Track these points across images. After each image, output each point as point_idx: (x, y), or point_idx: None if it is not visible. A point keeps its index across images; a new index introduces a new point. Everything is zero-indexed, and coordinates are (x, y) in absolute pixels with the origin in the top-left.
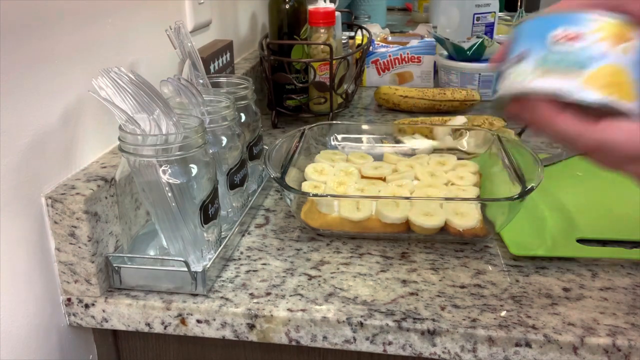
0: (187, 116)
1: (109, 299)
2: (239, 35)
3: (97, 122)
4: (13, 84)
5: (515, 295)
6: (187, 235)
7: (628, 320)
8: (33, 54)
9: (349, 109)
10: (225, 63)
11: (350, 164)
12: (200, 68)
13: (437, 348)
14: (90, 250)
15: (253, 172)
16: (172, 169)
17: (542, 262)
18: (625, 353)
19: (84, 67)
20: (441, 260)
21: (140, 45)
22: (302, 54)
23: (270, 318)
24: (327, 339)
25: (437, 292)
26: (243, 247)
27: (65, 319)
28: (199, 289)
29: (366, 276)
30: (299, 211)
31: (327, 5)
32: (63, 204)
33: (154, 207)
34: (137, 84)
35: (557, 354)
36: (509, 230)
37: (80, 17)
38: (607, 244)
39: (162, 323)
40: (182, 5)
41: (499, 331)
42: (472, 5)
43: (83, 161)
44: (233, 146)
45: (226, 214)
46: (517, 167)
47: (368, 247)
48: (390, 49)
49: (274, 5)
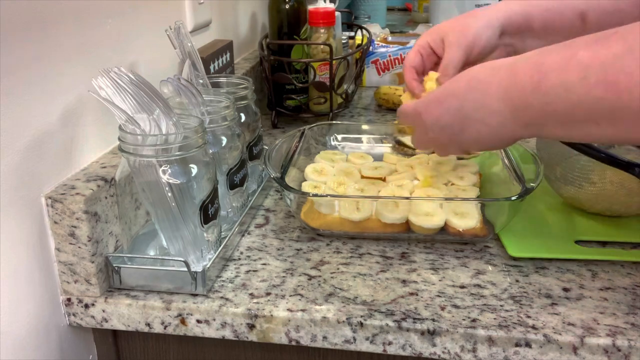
0: (187, 116)
1: (108, 299)
2: (239, 35)
3: (97, 122)
4: (13, 84)
5: (515, 295)
6: (187, 235)
7: (628, 320)
8: (33, 54)
9: (349, 109)
10: (225, 63)
11: (350, 164)
12: (200, 68)
13: (437, 348)
14: (90, 250)
15: (253, 172)
16: (172, 169)
17: (542, 262)
18: (625, 353)
19: (84, 67)
20: (441, 260)
21: (140, 45)
22: (302, 54)
23: (270, 318)
24: (327, 339)
25: (437, 292)
26: (243, 247)
27: (65, 319)
28: (199, 289)
29: (366, 276)
30: (299, 211)
31: (327, 5)
32: (63, 204)
33: (154, 207)
34: (137, 84)
35: (557, 354)
36: (508, 231)
37: (80, 17)
38: (606, 245)
39: (162, 323)
40: (182, 5)
41: (499, 331)
42: (472, 6)
43: (83, 161)
44: (233, 146)
45: (226, 214)
46: (517, 167)
47: (368, 247)
48: (390, 49)
49: (274, 5)
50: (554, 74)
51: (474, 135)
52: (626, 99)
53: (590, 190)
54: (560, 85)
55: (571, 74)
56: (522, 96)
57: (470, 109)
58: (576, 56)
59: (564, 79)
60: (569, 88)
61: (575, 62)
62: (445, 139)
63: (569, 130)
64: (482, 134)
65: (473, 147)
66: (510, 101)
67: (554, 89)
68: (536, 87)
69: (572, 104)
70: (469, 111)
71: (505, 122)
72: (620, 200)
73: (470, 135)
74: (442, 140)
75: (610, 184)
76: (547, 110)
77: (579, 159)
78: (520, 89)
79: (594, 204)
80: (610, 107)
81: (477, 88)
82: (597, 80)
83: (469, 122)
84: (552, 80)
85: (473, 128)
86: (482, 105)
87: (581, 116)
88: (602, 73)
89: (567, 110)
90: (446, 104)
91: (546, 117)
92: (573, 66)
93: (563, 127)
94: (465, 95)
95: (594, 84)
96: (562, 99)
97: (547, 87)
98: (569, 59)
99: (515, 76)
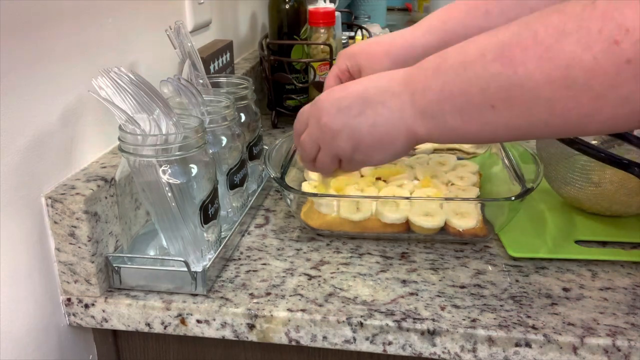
0: (187, 116)
1: (108, 299)
2: (239, 35)
3: (97, 122)
4: (13, 84)
5: (515, 295)
6: (187, 235)
7: (628, 320)
8: (33, 54)
9: None
10: (225, 63)
11: None
12: (200, 68)
13: (437, 348)
14: (90, 250)
15: (253, 172)
16: (172, 169)
17: (542, 262)
18: (625, 353)
19: (84, 67)
20: (441, 260)
21: (140, 45)
22: (302, 54)
23: (270, 318)
24: (327, 339)
25: (437, 292)
26: (243, 247)
27: (65, 319)
28: (199, 289)
29: (366, 276)
30: (299, 211)
31: (327, 5)
32: (63, 204)
33: (154, 207)
34: (137, 84)
35: (557, 354)
36: (508, 231)
37: (80, 17)
38: (606, 245)
39: (162, 323)
40: (182, 5)
41: (499, 331)
42: None
43: (83, 161)
44: (233, 146)
45: (226, 214)
46: (517, 167)
47: (368, 247)
48: None
49: (274, 5)
50: (454, 54)
51: (371, 120)
52: (522, 72)
53: (590, 190)
54: (459, 64)
55: (470, 53)
56: (423, 79)
57: (373, 92)
58: (476, 40)
59: (462, 59)
60: (467, 66)
61: (474, 44)
62: (339, 124)
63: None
64: (378, 119)
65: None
66: (412, 85)
67: (452, 68)
68: (436, 69)
69: (469, 81)
70: (372, 94)
71: (403, 107)
72: (620, 200)
73: (367, 119)
74: (335, 126)
75: (610, 183)
76: (445, 92)
77: (579, 159)
78: (423, 73)
79: (594, 204)
80: (507, 84)
81: (384, 76)
82: (495, 56)
83: (368, 105)
84: (451, 61)
85: (371, 110)
86: (386, 89)
87: (477, 97)
88: (499, 49)
89: (464, 91)
90: (350, 87)
91: (443, 101)
92: (472, 47)
93: (459, 114)
94: (370, 81)
95: (491, 60)
96: (460, 77)
97: (446, 67)
98: (469, 42)
99: (420, 64)
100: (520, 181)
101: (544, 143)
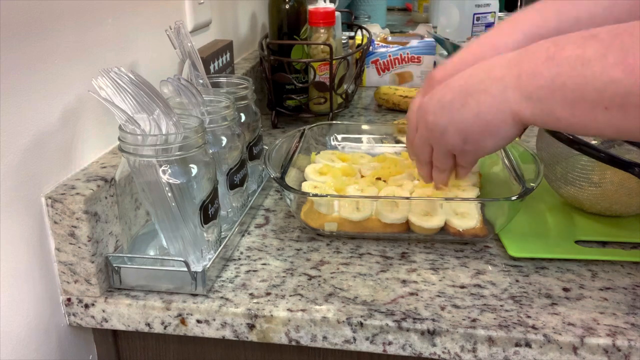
0: (187, 116)
1: (108, 299)
2: (239, 35)
3: (97, 122)
4: (13, 84)
5: (515, 295)
6: (187, 235)
7: (628, 320)
8: (33, 54)
9: (348, 109)
10: (225, 63)
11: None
12: (200, 68)
13: (437, 348)
14: (90, 250)
15: (253, 172)
16: (172, 169)
17: (542, 262)
18: (625, 353)
19: (84, 67)
20: (441, 260)
21: (140, 45)
22: (302, 54)
23: (270, 318)
24: (327, 339)
25: (437, 292)
26: (243, 247)
27: (65, 319)
28: (199, 289)
29: (366, 276)
30: (299, 211)
31: (327, 5)
32: (63, 204)
33: (154, 207)
34: (137, 84)
35: (557, 354)
36: (508, 231)
37: (80, 17)
38: (606, 245)
39: (162, 323)
40: (182, 5)
41: (499, 331)
42: (472, 5)
43: (83, 161)
44: (233, 146)
45: (226, 214)
46: (517, 167)
47: (368, 247)
48: (390, 49)
49: (274, 5)
50: (572, 46)
51: (475, 109)
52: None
53: (590, 190)
54: (576, 58)
55: (589, 50)
56: (533, 64)
57: (473, 83)
58: (597, 36)
59: (581, 53)
60: (585, 63)
61: (595, 40)
62: (444, 120)
63: (574, 112)
64: (482, 108)
65: (472, 127)
66: (517, 67)
67: (569, 60)
68: (550, 57)
69: (585, 79)
70: (473, 84)
71: (506, 90)
72: (620, 200)
73: (471, 109)
74: (441, 122)
75: (610, 184)
76: (557, 83)
77: (579, 159)
78: (532, 58)
79: (594, 204)
80: (625, 91)
81: (484, 66)
82: (616, 60)
83: (470, 95)
84: (568, 52)
85: (473, 100)
86: (487, 77)
87: (591, 96)
88: (622, 54)
89: (578, 86)
90: (451, 83)
91: (553, 91)
92: (592, 44)
93: (569, 107)
94: (471, 73)
95: (612, 64)
96: (576, 72)
97: (562, 57)
98: (589, 37)
99: (528, 49)
100: (520, 181)
101: (544, 143)
